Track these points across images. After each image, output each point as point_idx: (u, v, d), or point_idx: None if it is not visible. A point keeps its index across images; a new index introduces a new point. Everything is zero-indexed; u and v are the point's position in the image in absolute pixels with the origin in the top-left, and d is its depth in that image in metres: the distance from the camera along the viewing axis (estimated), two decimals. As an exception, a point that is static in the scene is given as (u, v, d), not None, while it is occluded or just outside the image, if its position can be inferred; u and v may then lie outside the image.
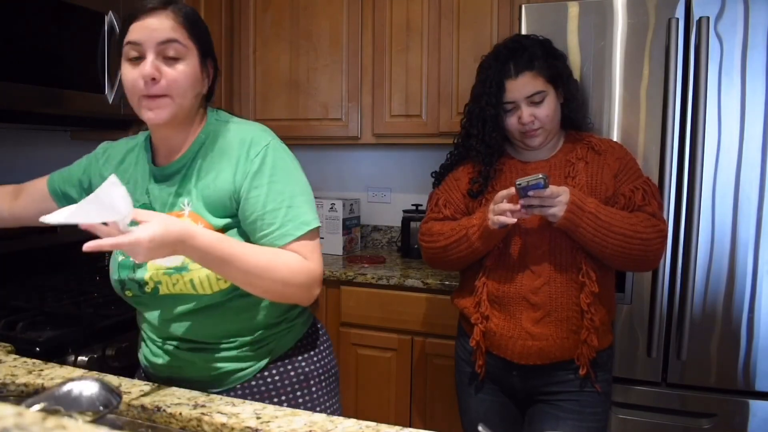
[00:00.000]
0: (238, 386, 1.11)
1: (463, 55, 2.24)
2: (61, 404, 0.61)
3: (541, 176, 1.27)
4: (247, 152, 1.05)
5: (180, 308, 1.06)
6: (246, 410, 0.84)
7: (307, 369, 1.16)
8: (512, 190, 1.32)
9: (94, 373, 1.02)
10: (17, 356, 1.10)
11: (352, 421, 0.80)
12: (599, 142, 1.46)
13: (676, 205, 1.70)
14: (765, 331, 1.66)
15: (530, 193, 1.30)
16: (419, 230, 1.60)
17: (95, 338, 1.41)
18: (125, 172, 1.15)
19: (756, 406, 1.66)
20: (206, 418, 0.83)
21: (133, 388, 0.93)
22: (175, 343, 1.10)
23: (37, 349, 1.28)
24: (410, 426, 2.03)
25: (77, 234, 0.87)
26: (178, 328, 1.08)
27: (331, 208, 2.54)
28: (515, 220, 1.31)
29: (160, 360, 1.12)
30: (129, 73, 1.03)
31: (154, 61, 1.00)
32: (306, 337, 1.19)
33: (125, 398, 0.88)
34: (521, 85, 1.40)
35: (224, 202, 1.05)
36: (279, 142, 1.10)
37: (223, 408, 0.85)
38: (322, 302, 2.24)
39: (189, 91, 1.04)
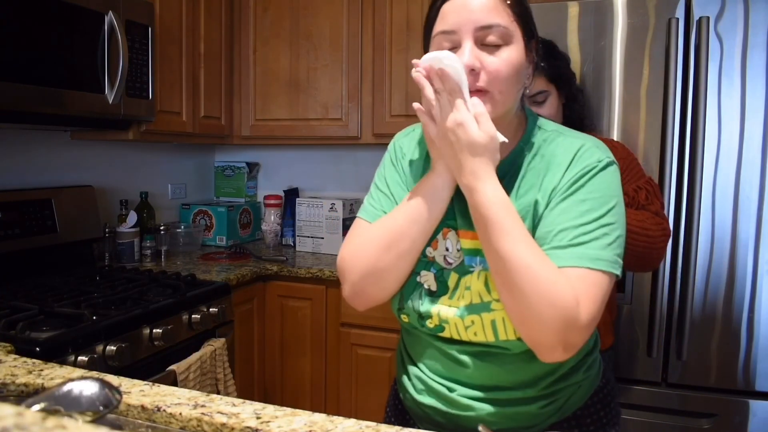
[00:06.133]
0: None
1: (463, 55, 2.25)
2: (61, 404, 0.61)
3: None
4: (569, 163, 0.87)
5: (459, 349, 0.92)
6: (246, 410, 0.84)
7: None
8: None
9: (94, 373, 1.02)
10: (17, 356, 1.10)
11: (352, 421, 0.80)
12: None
13: (676, 205, 1.70)
14: (765, 331, 1.66)
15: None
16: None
17: (95, 338, 1.41)
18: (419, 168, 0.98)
19: (756, 406, 1.66)
20: (206, 418, 0.82)
21: (133, 388, 0.92)
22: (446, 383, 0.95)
23: (37, 349, 1.28)
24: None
25: (77, 234, 0.87)
26: (456, 368, 0.93)
27: (331, 208, 2.54)
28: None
29: (426, 399, 0.97)
30: None
31: (474, 49, 0.83)
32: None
33: (125, 398, 0.88)
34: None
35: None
36: (616, 166, 0.89)
37: (223, 408, 0.85)
38: (322, 302, 2.24)
39: (513, 85, 0.86)
